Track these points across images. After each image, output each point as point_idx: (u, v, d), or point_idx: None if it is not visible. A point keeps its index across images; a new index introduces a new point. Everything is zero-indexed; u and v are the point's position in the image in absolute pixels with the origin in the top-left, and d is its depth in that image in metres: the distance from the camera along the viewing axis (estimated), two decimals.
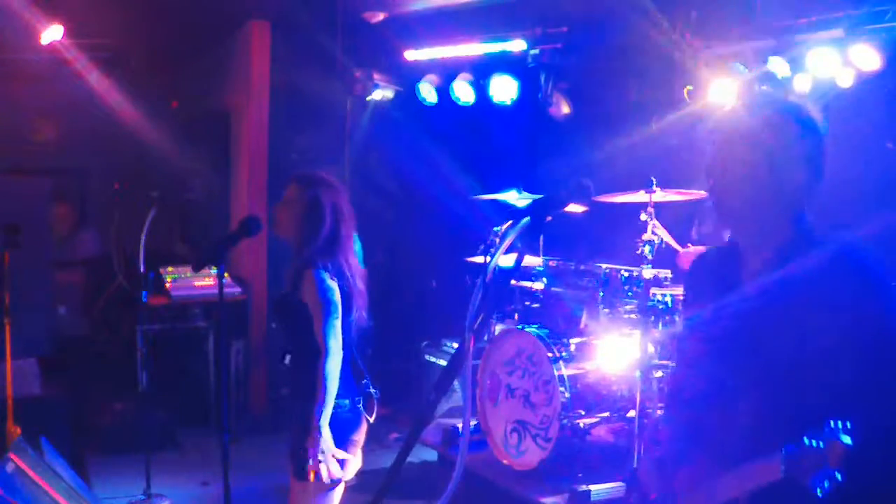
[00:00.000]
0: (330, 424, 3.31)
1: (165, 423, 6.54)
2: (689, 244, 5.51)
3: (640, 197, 4.85)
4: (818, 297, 2.01)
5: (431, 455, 5.84)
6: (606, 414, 4.82)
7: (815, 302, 2.00)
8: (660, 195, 4.81)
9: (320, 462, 3.26)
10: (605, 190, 4.90)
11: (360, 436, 3.47)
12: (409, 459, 2.04)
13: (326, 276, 3.34)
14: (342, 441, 3.37)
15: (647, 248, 4.73)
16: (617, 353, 4.79)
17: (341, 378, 3.38)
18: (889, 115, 5.45)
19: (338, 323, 3.33)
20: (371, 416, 3.52)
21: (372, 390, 3.53)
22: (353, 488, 3.72)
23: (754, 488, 1.95)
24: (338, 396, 3.35)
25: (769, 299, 2.08)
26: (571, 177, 2.07)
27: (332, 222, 3.41)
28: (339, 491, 3.44)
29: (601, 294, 4.93)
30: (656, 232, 5.07)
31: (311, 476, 3.27)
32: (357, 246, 3.56)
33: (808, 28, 5.44)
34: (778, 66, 5.54)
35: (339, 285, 3.37)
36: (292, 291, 3.37)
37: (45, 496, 3.98)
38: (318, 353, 3.32)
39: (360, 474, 3.49)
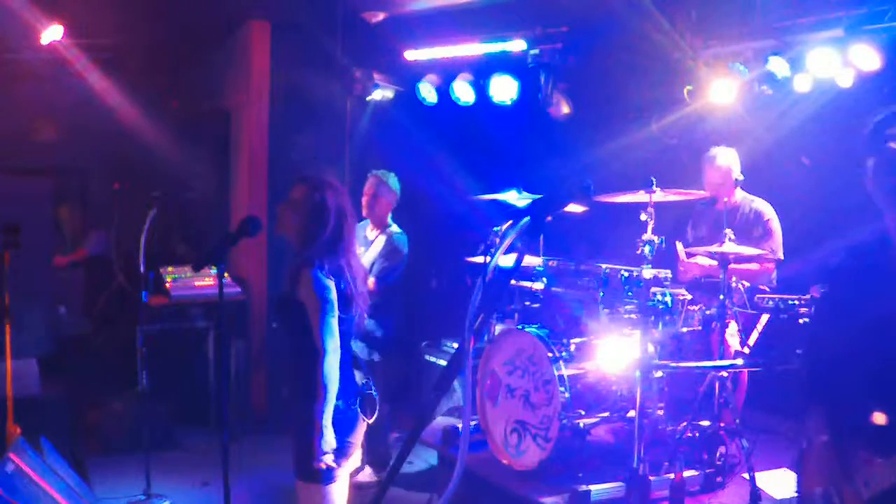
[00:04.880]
0: (334, 422, 3.31)
1: (165, 423, 6.54)
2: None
3: (640, 197, 4.84)
4: None
5: (431, 455, 5.84)
6: (606, 414, 4.82)
7: None
8: (660, 195, 4.81)
9: (325, 461, 3.27)
10: (605, 190, 4.90)
11: (357, 437, 3.47)
12: (409, 459, 2.04)
13: (322, 275, 3.35)
14: (344, 437, 3.37)
15: (647, 248, 4.72)
16: (617, 353, 4.78)
17: (340, 379, 3.38)
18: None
19: (334, 322, 3.34)
20: (370, 418, 3.52)
21: (373, 391, 3.52)
22: (354, 487, 3.72)
23: None
24: (337, 397, 3.35)
25: None
26: (571, 177, 2.07)
27: (335, 225, 3.43)
28: (343, 489, 3.44)
29: (601, 294, 4.93)
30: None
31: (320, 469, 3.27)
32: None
33: (808, 28, 5.44)
34: (778, 66, 5.54)
35: (336, 285, 3.38)
36: (291, 291, 3.38)
37: (45, 496, 3.99)
38: (317, 353, 3.33)
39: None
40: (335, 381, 3.31)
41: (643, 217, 4.79)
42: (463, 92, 7.01)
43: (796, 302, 4.72)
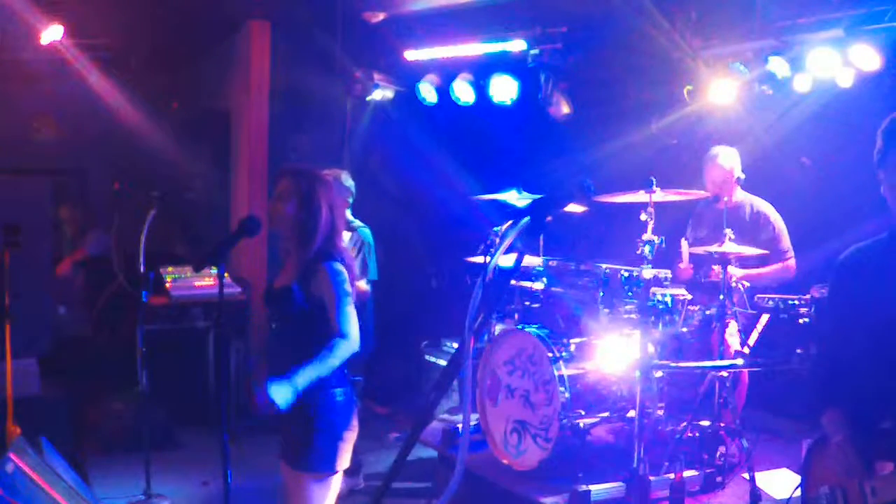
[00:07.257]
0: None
1: (165, 423, 6.53)
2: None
3: (640, 197, 4.84)
4: None
5: (431, 455, 5.84)
6: (606, 414, 4.82)
7: None
8: (660, 195, 4.81)
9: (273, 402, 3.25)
10: (605, 190, 4.90)
11: (356, 422, 3.48)
12: (409, 459, 2.04)
13: (340, 266, 3.37)
14: (345, 427, 3.39)
15: (647, 248, 4.72)
16: (617, 353, 4.79)
17: (339, 367, 3.41)
18: (889, 115, 5.44)
19: (352, 310, 3.36)
20: (360, 403, 3.56)
21: (356, 378, 3.56)
22: (346, 495, 3.71)
23: None
24: (334, 385, 3.37)
25: None
26: (571, 177, 2.07)
27: (328, 213, 3.42)
28: (337, 480, 3.44)
29: (601, 294, 4.93)
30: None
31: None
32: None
33: (808, 28, 5.44)
34: (778, 66, 5.54)
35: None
36: (300, 284, 3.36)
37: (45, 496, 3.98)
38: (321, 345, 3.33)
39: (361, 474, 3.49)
40: (334, 365, 3.28)
41: (643, 217, 4.80)
42: (463, 92, 7.01)
43: (796, 302, 4.72)
